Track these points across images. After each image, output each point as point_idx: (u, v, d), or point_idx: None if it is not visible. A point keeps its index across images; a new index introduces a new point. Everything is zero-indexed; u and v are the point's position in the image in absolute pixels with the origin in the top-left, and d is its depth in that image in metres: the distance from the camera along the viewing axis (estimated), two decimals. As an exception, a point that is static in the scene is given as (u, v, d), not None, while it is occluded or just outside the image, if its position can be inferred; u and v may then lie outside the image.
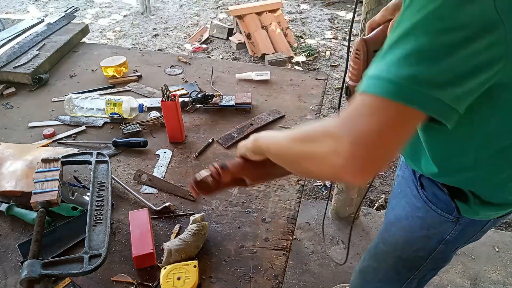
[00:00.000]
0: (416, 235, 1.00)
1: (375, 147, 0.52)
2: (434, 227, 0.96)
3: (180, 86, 1.60)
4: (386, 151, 0.53)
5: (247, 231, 1.04)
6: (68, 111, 1.45)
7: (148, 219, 1.03)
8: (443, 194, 0.89)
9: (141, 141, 1.30)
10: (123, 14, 4.95)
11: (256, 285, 0.92)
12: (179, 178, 1.20)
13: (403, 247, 1.06)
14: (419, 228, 0.99)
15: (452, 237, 0.95)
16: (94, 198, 1.04)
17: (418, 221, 0.98)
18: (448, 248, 0.99)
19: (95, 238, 0.94)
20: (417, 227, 0.99)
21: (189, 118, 1.44)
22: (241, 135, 1.34)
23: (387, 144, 0.52)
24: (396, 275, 1.11)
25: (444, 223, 0.93)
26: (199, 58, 1.83)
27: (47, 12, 4.99)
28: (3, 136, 1.37)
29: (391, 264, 1.12)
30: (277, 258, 0.98)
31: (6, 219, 1.08)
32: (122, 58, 1.67)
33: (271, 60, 3.72)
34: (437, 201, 0.92)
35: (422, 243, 1.01)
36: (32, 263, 0.85)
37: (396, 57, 0.52)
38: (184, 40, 4.33)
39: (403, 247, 1.06)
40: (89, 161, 1.16)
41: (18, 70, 1.62)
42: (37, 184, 1.04)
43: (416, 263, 1.06)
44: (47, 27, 1.92)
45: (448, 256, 1.04)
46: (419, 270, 1.06)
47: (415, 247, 1.03)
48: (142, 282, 0.93)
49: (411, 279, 1.09)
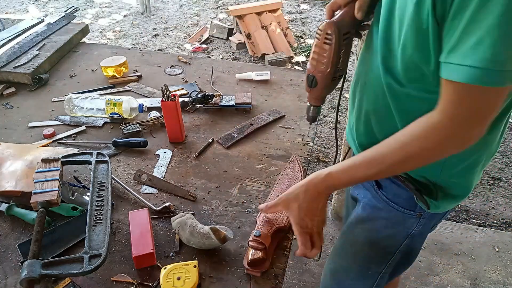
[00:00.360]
0: (381, 234, 1.02)
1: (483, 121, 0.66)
2: (398, 225, 0.98)
3: (180, 86, 1.60)
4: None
5: (247, 231, 1.04)
6: (68, 111, 1.45)
7: (148, 219, 1.03)
8: (404, 191, 0.90)
9: (141, 141, 1.30)
10: (123, 14, 4.95)
11: (256, 285, 0.92)
12: (179, 178, 1.20)
13: (370, 247, 1.07)
14: (383, 228, 1.00)
15: (417, 231, 0.97)
16: (94, 198, 1.04)
17: (382, 222, 1.00)
18: (414, 242, 1.01)
19: (95, 238, 0.94)
20: (381, 227, 1.01)
21: (189, 118, 1.44)
22: (241, 135, 1.34)
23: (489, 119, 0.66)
24: (368, 271, 1.12)
25: (408, 219, 0.95)
26: (199, 58, 1.83)
27: (47, 12, 4.99)
28: (3, 136, 1.37)
29: (361, 262, 1.13)
30: (277, 258, 0.98)
31: (6, 219, 1.08)
32: (122, 58, 1.67)
33: (271, 60, 3.73)
34: (399, 200, 0.93)
35: (388, 241, 1.02)
36: (32, 263, 0.85)
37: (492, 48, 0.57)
38: (184, 40, 4.34)
39: (370, 246, 1.06)
40: (89, 161, 1.16)
41: (18, 70, 1.62)
42: (37, 184, 1.04)
43: (386, 259, 1.07)
44: (47, 27, 1.92)
45: (415, 249, 1.06)
46: (389, 264, 1.07)
47: (382, 245, 1.04)
48: (142, 282, 0.93)
49: (383, 273, 1.10)
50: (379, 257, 1.07)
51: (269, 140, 1.34)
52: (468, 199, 2.37)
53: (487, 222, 2.25)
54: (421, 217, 0.95)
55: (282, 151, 1.29)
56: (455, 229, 2.15)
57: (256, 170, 1.23)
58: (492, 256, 2.01)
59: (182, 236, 1.00)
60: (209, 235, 0.96)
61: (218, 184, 1.18)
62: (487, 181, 2.48)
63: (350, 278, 1.18)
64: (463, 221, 2.24)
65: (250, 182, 1.19)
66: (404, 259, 1.07)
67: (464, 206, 2.33)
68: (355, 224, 1.08)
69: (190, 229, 0.98)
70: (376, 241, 1.05)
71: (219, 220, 1.07)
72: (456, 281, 1.90)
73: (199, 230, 0.97)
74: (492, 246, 2.06)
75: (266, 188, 1.16)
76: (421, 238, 1.02)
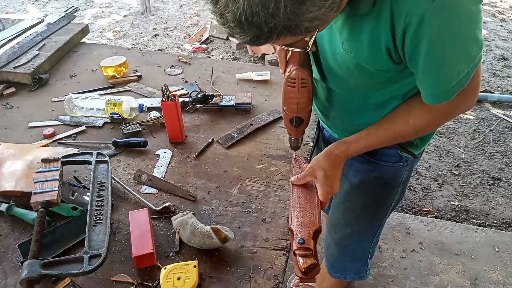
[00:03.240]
0: (378, 191, 1.14)
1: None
2: (390, 178, 1.11)
3: (180, 86, 1.60)
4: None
5: (247, 231, 1.04)
6: (68, 111, 1.45)
7: (148, 219, 1.03)
8: (389, 149, 1.04)
9: (141, 141, 1.30)
10: (123, 14, 4.94)
11: (256, 285, 0.92)
12: (179, 178, 1.20)
13: (370, 206, 1.19)
14: (378, 186, 1.13)
15: (405, 177, 1.12)
16: (94, 198, 1.04)
17: (375, 181, 1.11)
18: (404, 186, 1.16)
19: (95, 238, 0.94)
20: (377, 185, 1.12)
21: (189, 118, 1.44)
22: (241, 135, 1.34)
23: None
24: (370, 227, 1.26)
25: (398, 171, 1.09)
26: (199, 58, 1.83)
27: (47, 12, 4.99)
28: (3, 136, 1.37)
29: (364, 223, 1.24)
30: (277, 258, 0.98)
31: (6, 219, 1.08)
32: (122, 58, 1.67)
33: (271, 60, 3.73)
34: (387, 157, 1.06)
35: (385, 195, 1.16)
36: (32, 263, 0.85)
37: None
38: (184, 40, 4.34)
39: (370, 205, 1.19)
40: (89, 161, 1.16)
41: (18, 70, 1.62)
42: (37, 184, 1.04)
43: (385, 210, 1.20)
44: (47, 27, 1.92)
45: (404, 191, 1.19)
46: (388, 213, 1.22)
47: (381, 201, 1.17)
48: (142, 282, 0.93)
49: (383, 223, 1.26)
50: (379, 212, 1.20)
51: (269, 140, 1.34)
52: (468, 199, 2.37)
53: (487, 222, 2.25)
54: (407, 164, 1.08)
55: (282, 151, 1.29)
56: (455, 229, 2.15)
57: (256, 170, 1.23)
58: (492, 256, 2.01)
59: (182, 235, 1.00)
60: (210, 235, 0.96)
61: (218, 184, 1.18)
62: (487, 181, 2.48)
63: (355, 241, 1.29)
64: (463, 221, 2.24)
65: (250, 182, 1.19)
66: (398, 201, 1.21)
67: (464, 206, 2.33)
68: (351, 192, 1.17)
69: (191, 228, 0.98)
70: (374, 200, 1.17)
71: (219, 220, 1.07)
72: (456, 281, 1.90)
73: (200, 230, 0.97)
74: (492, 246, 2.06)
75: (266, 188, 1.16)
76: (408, 179, 1.16)
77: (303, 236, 0.90)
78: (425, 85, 0.81)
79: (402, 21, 0.70)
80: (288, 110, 0.96)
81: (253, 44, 0.64)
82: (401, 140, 0.97)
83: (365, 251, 1.33)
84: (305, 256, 0.88)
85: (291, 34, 0.63)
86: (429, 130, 0.94)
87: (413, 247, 2.04)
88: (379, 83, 0.88)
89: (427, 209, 2.29)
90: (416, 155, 1.06)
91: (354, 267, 1.38)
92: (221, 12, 0.61)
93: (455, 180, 2.50)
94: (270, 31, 0.60)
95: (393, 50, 0.76)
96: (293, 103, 0.94)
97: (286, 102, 0.95)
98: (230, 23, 0.61)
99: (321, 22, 0.64)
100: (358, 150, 0.96)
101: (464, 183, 2.47)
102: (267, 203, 1.12)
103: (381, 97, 0.93)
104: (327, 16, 0.64)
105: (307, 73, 0.90)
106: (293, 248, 0.90)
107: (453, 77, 0.76)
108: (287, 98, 0.94)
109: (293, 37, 0.66)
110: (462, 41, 0.72)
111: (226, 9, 0.60)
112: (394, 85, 0.89)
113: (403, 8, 0.69)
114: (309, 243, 0.89)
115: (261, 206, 1.11)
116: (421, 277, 1.92)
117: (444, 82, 0.77)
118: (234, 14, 0.59)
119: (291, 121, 0.98)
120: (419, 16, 0.68)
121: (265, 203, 1.12)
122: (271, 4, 0.57)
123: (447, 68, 0.75)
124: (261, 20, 0.58)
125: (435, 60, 0.74)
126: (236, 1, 0.58)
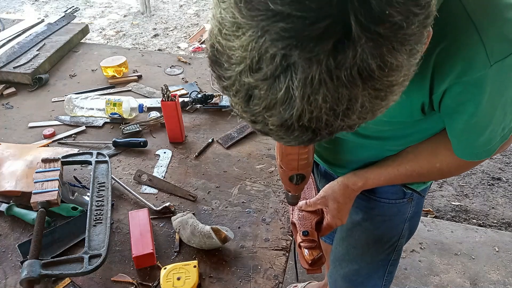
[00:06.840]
0: (381, 229, 1.07)
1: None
2: (394, 215, 1.04)
3: (180, 86, 1.60)
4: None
5: (247, 231, 1.04)
6: (68, 111, 1.45)
7: (148, 219, 1.03)
8: (391, 186, 0.96)
9: (141, 141, 1.30)
10: (123, 14, 4.94)
11: (256, 285, 0.92)
12: (179, 178, 1.20)
13: (374, 244, 1.11)
14: (381, 223, 1.06)
15: (412, 213, 1.04)
16: (94, 198, 1.04)
17: (378, 218, 1.05)
18: (412, 222, 1.08)
19: (95, 238, 0.94)
20: (379, 223, 1.06)
21: (189, 118, 1.44)
22: (241, 135, 1.34)
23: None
24: (378, 263, 1.17)
25: (402, 207, 1.02)
26: (199, 58, 1.83)
27: (47, 12, 4.99)
28: (3, 136, 1.37)
29: (370, 260, 1.16)
30: (277, 258, 0.98)
31: (6, 219, 1.08)
32: (122, 58, 1.67)
33: (271, 60, 3.72)
34: (388, 194, 0.99)
35: (389, 232, 1.08)
36: (32, 263, 0.85)
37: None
38: (184, 40, 4.34)
39: (374, 243, 1.11)
40: (89, 161, 1.16)
41: (18, 70, 1.62)
42: (37, 184, 1.04)
43: (391, 248, 1.12)
44: (47, 27, 1.92)
45: (415, 225, 1.12)
46: (396, 250, 1.12)
47: (385, 238, 1.09)
48: (142, 282, 0.93)
49: (392, 260, 1.16)
50: (385, 249, 1.11)
51: (269, 140, 1.34)
52: (468, 199, 2.37)
53: (487, 222, 2.25)
54: (412, 200, 1.00)
55: (282, 151, 1.29)
56: (455, 229, 2.15)
57: (256, 170, 1.23)
58: (492, 256, 2.01)
59: (182, 235, 1.00)
60: (210, 235, 0.96)
61: (218, 184, 1.18)
62: (487, 181, 2.48)
63: (362, 277, 1.21)
64: (463, 221, 2.24)
65: (250, 182, 1.19)
66: (407, 238, 1.13)
67: (464, 206, 2.33)
68: (352, 228, 1.11)
69: (191, 228, 0.98)
70: (378, 237, 1.08)
71: (219, 220, 1.07)
72: (456, 281, 1.90)
73: (200, 230, 0.97)
74: (492, 246, 2.06)
75: (266, 188, 1.16)
76: (417, 215, 1.08)
77: (307, 228, 0.92)
78: (463, 142, 0.73)
79: (446, 82, 0.62)
80: (287, 167, 0.80)
81: (297, 145, 0.48)
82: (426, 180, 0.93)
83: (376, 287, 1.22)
84: (310, 248, 0.90)
85: (350, 130, 0.48)
86: (458, 174, 0.88)
87: (413, 247, 2.04)
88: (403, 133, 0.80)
89: (427, 209, 2.29)
90: (419, 192, 0.97)
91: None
92: (258, 113, 0.44)
93: (455, 180, 2.50)
94: (329, 133, 0.46)
95: (428, 104, 0.68)
96: (293, 159, 0.77)
97: (284, 159, 0.78)
98: (271, 126, 0.45)
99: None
100: (376, 185, 0.91)
101: (464, 183, 2.47)
102: (267, 203, 1.12)
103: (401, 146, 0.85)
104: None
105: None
106: (298, 241, 0.91)
107: (498, 134, 0.69)
108: (285, 155, 0.78)
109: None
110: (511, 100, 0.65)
111: (268, 112, 0.43)
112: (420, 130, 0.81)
113: (449, 71, 0.61)
114: (313, 234, 0.91)
115: (261, 206, 1.11)
116: (421, 277, 1.92)
117: (487, 141, 0.70)
118: (282, 118, 0.43)
119: (291, 179, 0.82)
120: (472, 80, 0.61)
121: (265, 203, 1.12)
122: (342, 105, 0.42)
123: (492, 127, 0.68)
124: (322, 124, 0.43)
125: (480, 122, 0.67)
126: (290, 104, 0.41)
